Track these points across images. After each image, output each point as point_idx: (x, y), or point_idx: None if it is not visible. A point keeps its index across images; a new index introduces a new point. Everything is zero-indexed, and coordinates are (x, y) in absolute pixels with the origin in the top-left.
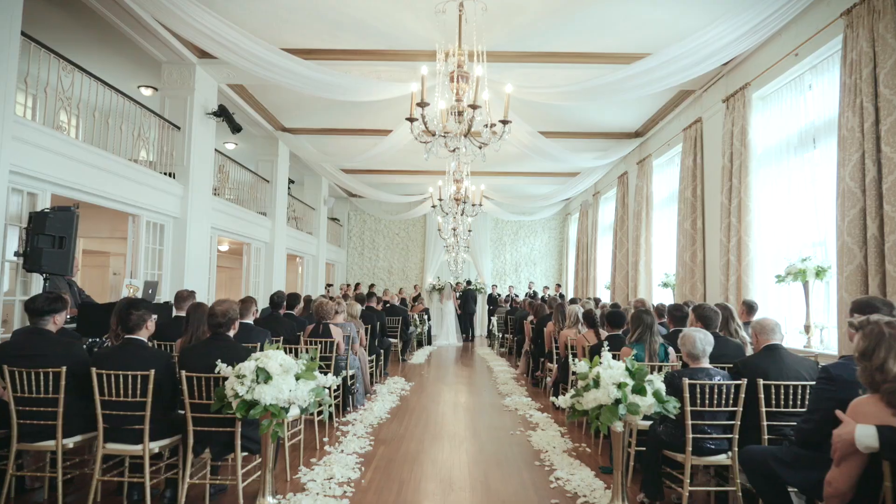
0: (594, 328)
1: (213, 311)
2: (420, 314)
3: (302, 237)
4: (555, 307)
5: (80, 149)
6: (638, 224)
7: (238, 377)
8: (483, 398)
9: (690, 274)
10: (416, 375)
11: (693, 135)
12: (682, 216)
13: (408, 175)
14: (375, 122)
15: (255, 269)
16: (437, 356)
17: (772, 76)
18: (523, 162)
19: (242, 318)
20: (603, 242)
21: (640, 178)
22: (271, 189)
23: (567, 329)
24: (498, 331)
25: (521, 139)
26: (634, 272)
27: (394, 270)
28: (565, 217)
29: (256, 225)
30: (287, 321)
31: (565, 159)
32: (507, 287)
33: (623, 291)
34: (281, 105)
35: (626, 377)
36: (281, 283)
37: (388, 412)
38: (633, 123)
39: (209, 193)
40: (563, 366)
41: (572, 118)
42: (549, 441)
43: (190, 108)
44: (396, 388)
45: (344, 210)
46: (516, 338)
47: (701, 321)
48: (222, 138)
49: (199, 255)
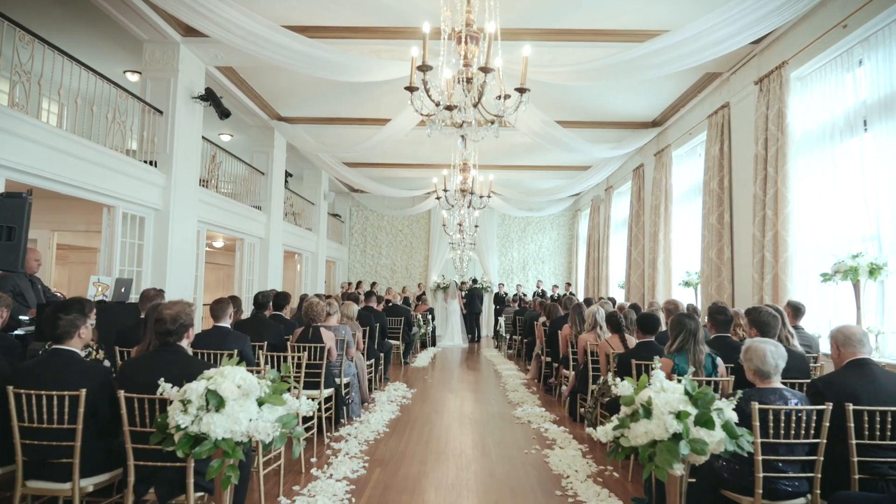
0: (619, 333)
1: (161, 315)
2: (424, 314)
3: (300, 233)
4: (571, 308)
5: (43, 131)
6: (656, 219)
7: (183, 402)
8: (492, 408)
9: (716, 272)
10: (419, 381)
11: (719, 121)
12: (708, 210)
13: (412, 169)
14: (377, 110)
15: (248, 266)
16: (442, 359)
17: (813, 52)
18: (532, 154)
19: (218, 321)
20: (616, 239)
21: (657, 170)
22: (267, 182)
23: (586, 333)
24: (506, 332)
25: (533, 126)
26: (652, 270)
27: (397, 268)
28: (575, 213)
29: (250, 219)
30: (273, 324)
31: (580, 149)
32: (515, 286)
33: (639, 291)
34: (276, 91)
35: (687, 404)
36: (277, 280)
37: (386, 425)
38: (651, 112)
39: (195, 184)
40: (582, 373)
41: (585, 106)
42: (569, 463)
43: (174, 90)
44: (397, 396)
45: (345, 206)
46: (526, 340)
47: (756, 328)
48: (216, 129)
49: (185, 251)
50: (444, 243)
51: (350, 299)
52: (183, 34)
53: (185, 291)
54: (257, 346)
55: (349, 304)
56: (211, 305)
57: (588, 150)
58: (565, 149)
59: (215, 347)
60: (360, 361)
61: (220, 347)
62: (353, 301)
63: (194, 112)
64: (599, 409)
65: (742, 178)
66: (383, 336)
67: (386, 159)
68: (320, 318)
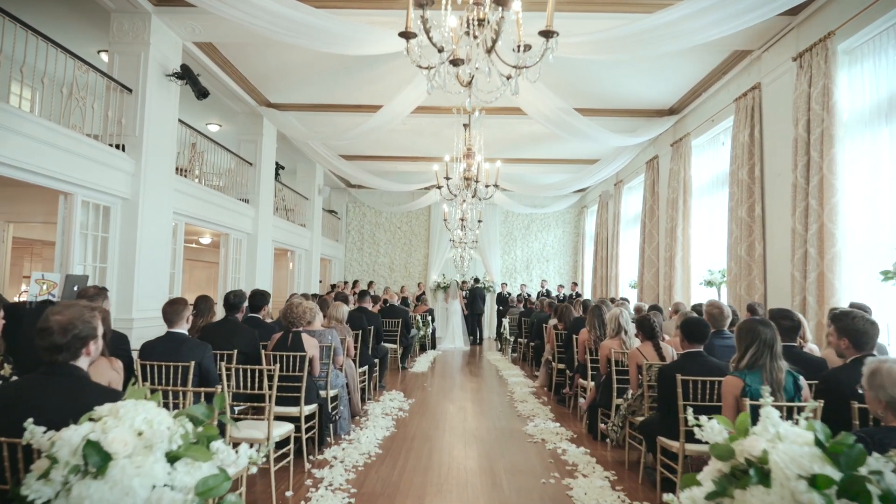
0: (653, 340)
1: (47, 322)
2: (423, 315)
3: (293, 229)
4: (589, 311)
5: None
6: (673, 213)
7: (51, 459)
8: (499, 422)
9: (746, 270)
10: (418, 388)
11: (748, 104)
12: (735, 202)
13: (411, 162)
14: (373, 95)
15: (234, 263)
16: (442, 363)
17: (863, 22)
18: (537, 147)
19: (172, 326)
20: (627, 236)
21: (674, 161)
22: (255, 173)
23: (609, 339)
24: (510, 334)
25: (544, 111)
26: (669, 268)
27: (395, 267)
28: (581, 210)
29: (236, 213)
30: (246, 329)
31: (596, 137)
32: (519, 286)
33: (653, 291)
34: (264, 74)
35: (823, 462)
36: (266, 279)
37: (379, 444)
38: (667, 99)
39: (170, 172)
40: (604, 385)
41: (597, 92)
42: (597, 496)
43: (144, 66)
44: (393, 408)
45: (342, 202)
46: (532, 343)
47: (849, 337)
48: (203, 117)
49: (158, 245)
50: (445, 241)
51: (340, 300)
52: (155, 2)
53: (160, 290)
54: (227, 355)
55: (338, 306)
56: (163, 307)
57: (605, 137)
58: (580, 137)
59: (168, 359)
60: (350, 370)
61: (173, 359)
62: (342, 301)
63: (169, 92)
64: (628, 428)
65: (777, 166)
66: (378, 340)
67: (383, 151)
68: (301, 322)
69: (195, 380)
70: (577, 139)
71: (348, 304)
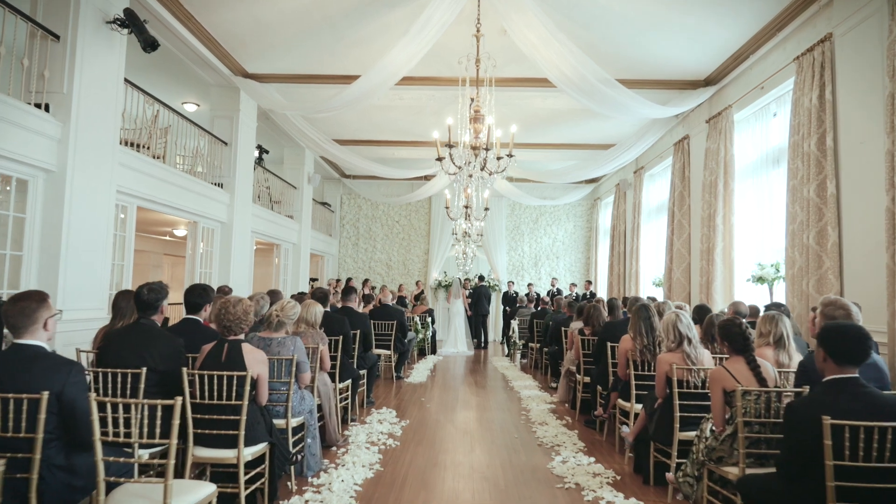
0: (744, 354)
1: None
2: (422, 316)
3: (278, 220)
4: (633, 312)
5: None
6: (711, 199)
7: None
8: (516, 456)
9: (815, 263)
10: (414, 404)
11: (815, 60)
12: (799, 180)
13: (409, 147)
14: (364, 60)
15: (205, 256)
16: (444, 371)
17: None
18: (548, 128)
19: (20, 336)
20: (649, 229)
21: (712, 139)
22: (230, 154)
23: (668, 353)
24: (520, 338)
25: (567, 72)
26: (706, 263)
27: (393, 264)
28: (594, 202)
29: (207, 198)
30: (163, 339)
31: (628, 105)
32: (527, 285)
33: (683, 289)
34: (238, 36)
35: None
36: (244, 275)
37: (356, 494)
38: (703, 68)
39: (112, 142)
40: (663, 414)
41: (620, 59)
42: None
43: (75, 9)
44: (381, 433)
45: (335, 194)
46: (547, 349)
47: None
48: (178, 96)
49: (93, 230)
50: (447, 235)
51: (318, 297)
52: None
53: (97, 286)
54: (132, 375)
55: (308, 306)
56: (3, 307)
57: (638, 107)
58: (608, 105)
59: (8, 384)
60: (325, 388)
61: (18, 383)
62: (320, 300)
63: (111, 44)
64: (707, 479)
65: (859, 132)
66: (367, 347)
67: (380, 135)
68: (240, 328)
69: (51, 419)
70: (603, 109)
71: (328, 301)
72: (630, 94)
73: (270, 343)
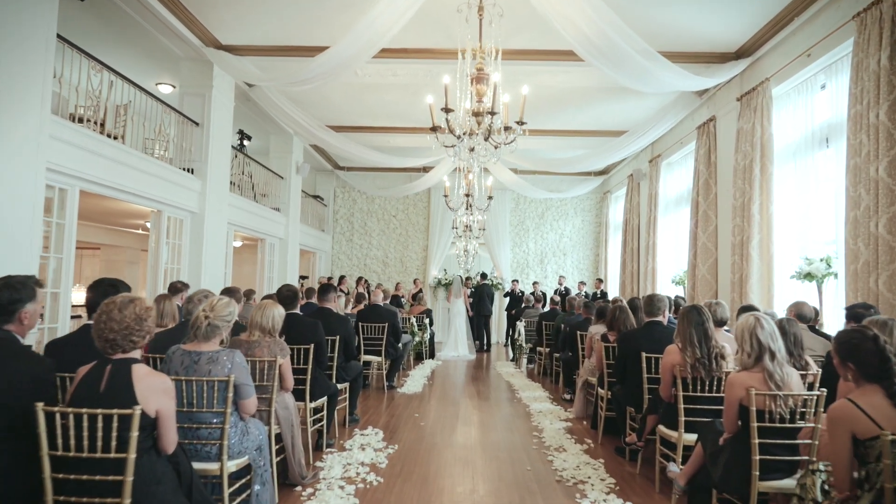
0: (882, 382)
1: None
2: (419, 317)
3: (262, 212)
4: (682, 316)
5: None
6: (745, 186)
7: None
8: (532, 501)
9: (887, 256)
10: (406, 421)
11: (883, 15)
12: (863, 157)
13: (407, 134)
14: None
15: (171, 249)
16: (442, 378)
17: None
18: (554, 111)
19: None
20: (668, 222)
21: (745, 118)
22: (202, 135)
23: (745, 372)
24: (527, 341)
25: (584, 28)
26: (739, 258)
27: (390, 261)
28: (603, 196)
29: (173, 184)
30: (19, 362)
31: (653, 72)
32: (532, 283)
33: (709, 287)
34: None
35: None
36: (217, 271)
37: None
38: (734, 37)
39: (38, 108)
40: (735, 452)
41: (640, 27)
42: None
43: None
44: (362, 464)
45: (328, 186)
46: (558, 354)
47: None
48: (150, 75)
49: (12, 215)
50: (447, 231)
51: (283, 298)
52: None
53: None
54: None
55: (265, 308)
56: None
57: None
58: (637, 76)
59: None
60: (286, 412)
61: None
62: (286, 301)
63: None
64: None
65: None
66: (350, 355)
67: (374, 120)
68: (129, 341)
69: None
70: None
71: (296, 302)
72: (668, 65)
73: (199, 359)
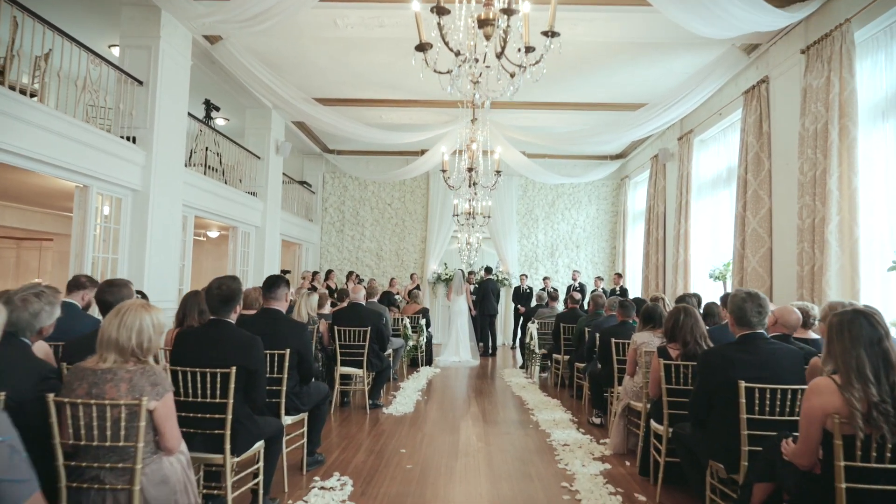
0: None
1: None
2: (414, 318)
3: (234, 196)
4: (838, 327)
5: None
6: (817, 157)
7: None
8: None
9: None
10: (388, 463)
11: None
12: None
13: (402, 108)
14: None
15: (111, 235)
16: (440, 392)
17: None
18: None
19: None
20: (702, 207)
21: (815, 73)
22: (145, 97)
23: None
24: (540, 346)
25: None
26: (810, 245)
27: (384, 254)
28: (620, 182)
29: (112, 156)
30: None
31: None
32: (542, 279)
33: (762, 282)
34: None
35: None
36: (170, 264)
37: None
38: None
39: None
40: None
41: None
42: None
43: None
44: None
45: (317, 172)
46: (588, 367)
47: None
48: (101, 35)
49: None
50: (448, 220)
51: (211, 297)
52: None
53: None
54: None
55: (128, 312)
56: None
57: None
58: (705, 14)
59: None
60: (162, 490)
61: None
62: (219, 301)
63: None
64: None
65: None
66: (306, 375)
67: (363, 92)
68: None
69: None
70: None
71: (231, 306)
72: None
73: None
